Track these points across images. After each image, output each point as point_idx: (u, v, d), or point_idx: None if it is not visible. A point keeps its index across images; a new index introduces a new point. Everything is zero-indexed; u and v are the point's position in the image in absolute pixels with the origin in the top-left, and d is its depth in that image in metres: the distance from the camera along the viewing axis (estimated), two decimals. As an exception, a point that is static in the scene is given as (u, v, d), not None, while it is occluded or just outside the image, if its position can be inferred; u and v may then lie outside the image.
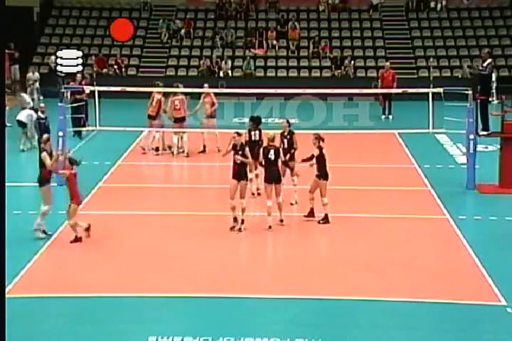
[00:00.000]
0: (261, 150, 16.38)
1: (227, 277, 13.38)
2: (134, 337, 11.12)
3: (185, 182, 19.60)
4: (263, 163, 16.21)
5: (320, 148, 16.28)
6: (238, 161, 15.67)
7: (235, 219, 15.92)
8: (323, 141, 16.40)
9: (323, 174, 16.29)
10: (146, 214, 17.02)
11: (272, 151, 15.99)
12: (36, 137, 21.79)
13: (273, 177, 15.96)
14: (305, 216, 16.51)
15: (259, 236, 15.95)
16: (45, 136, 16.16)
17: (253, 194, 17.89)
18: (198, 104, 22.78)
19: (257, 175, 17.88)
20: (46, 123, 21.52)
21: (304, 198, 16.67)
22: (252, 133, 17.67)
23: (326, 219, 16.34)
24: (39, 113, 19.95)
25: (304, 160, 16.57)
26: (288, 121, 17.81)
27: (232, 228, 15.84)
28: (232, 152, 15.90)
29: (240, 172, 15.74)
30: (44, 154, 15.23)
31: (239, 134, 15.98)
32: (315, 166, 16.29)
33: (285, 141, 17.39)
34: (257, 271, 13.79)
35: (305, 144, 17.06)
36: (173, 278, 13.25)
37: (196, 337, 11.01)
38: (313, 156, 16.26)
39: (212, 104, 22.57)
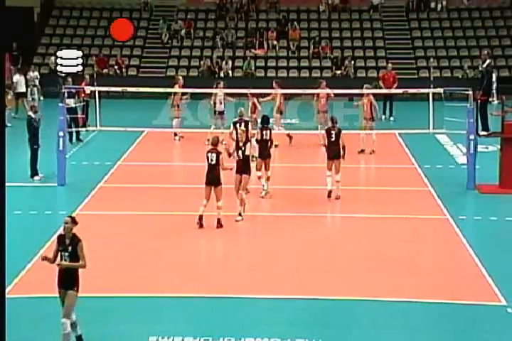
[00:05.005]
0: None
1: (227, 277, 13.38)
2: (135, 337, 11.11)
3: (186, 182, 19.54)
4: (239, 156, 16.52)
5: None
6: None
7: None
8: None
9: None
10: (146, 214, 16.99)
11: (214, 155, 15.69)
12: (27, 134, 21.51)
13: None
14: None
15: (259, 236, 16.00)
16: None
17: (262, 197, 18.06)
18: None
19: (259, 177, 18.04)
20: (36, 124, 20.85)
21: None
22: (264, 132, 18.10)
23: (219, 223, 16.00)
24: (30, 113, 19.75)
25: None
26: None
27: None
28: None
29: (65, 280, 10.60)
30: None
31: (74, 221, 10.47)
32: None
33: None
34: (257, 271, 13.77)
35: (306, 144, 17.05)
36: (174, 279, 13.24)
37: (196, 337, 11.01)
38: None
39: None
